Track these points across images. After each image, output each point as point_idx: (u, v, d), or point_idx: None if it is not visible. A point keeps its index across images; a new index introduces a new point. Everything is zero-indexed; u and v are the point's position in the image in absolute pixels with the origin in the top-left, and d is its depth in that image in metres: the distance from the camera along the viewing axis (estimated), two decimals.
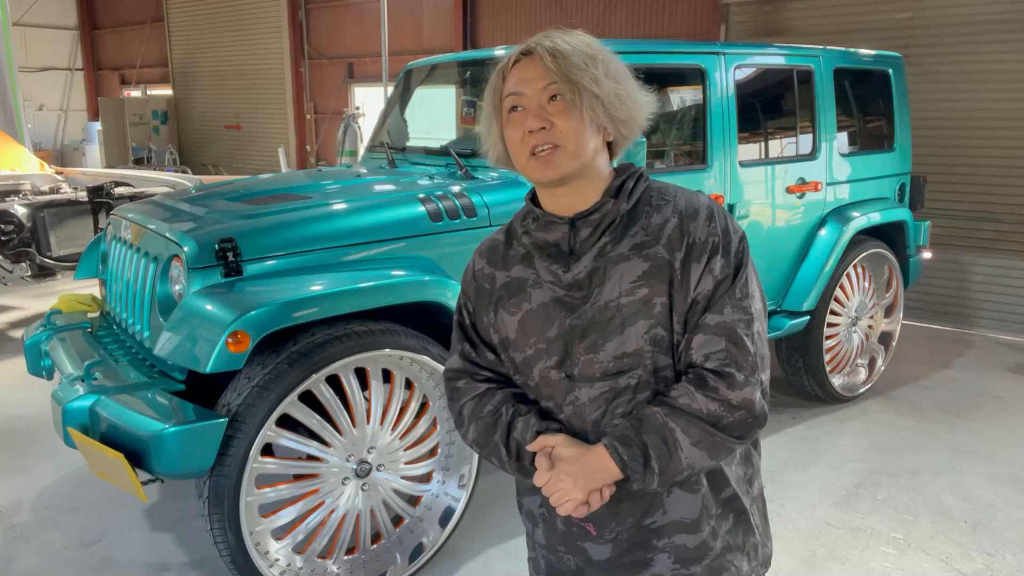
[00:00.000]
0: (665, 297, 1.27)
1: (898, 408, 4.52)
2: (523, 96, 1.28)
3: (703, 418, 1.24)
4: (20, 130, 9.61)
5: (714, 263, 1.27)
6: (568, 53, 1.25)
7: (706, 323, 1.26)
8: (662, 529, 1.34)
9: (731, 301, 1.26)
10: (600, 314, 1.29)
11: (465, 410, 1.42)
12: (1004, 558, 3.03)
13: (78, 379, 2.61)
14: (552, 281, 1.33)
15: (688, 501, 1.34)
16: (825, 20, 6.75)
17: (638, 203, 1.33)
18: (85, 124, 16.51)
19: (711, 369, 1.25)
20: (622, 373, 1.29)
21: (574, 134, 1.26)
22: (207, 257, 2.56)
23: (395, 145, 4.00)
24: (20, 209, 5.25)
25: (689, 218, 1.29)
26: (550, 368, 1.34)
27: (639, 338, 1.28)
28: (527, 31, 6.94)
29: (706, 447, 1.24)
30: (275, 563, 2.57)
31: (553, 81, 1.25)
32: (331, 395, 2.55)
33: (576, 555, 1.40)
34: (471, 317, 1.46)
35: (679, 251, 1.27)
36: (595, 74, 1.25)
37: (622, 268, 1.28)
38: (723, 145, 3.71)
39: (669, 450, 1.23)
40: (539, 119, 1.26)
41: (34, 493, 3.49)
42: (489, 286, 1.42)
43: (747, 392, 1.24)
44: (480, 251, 1.47)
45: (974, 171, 6.07)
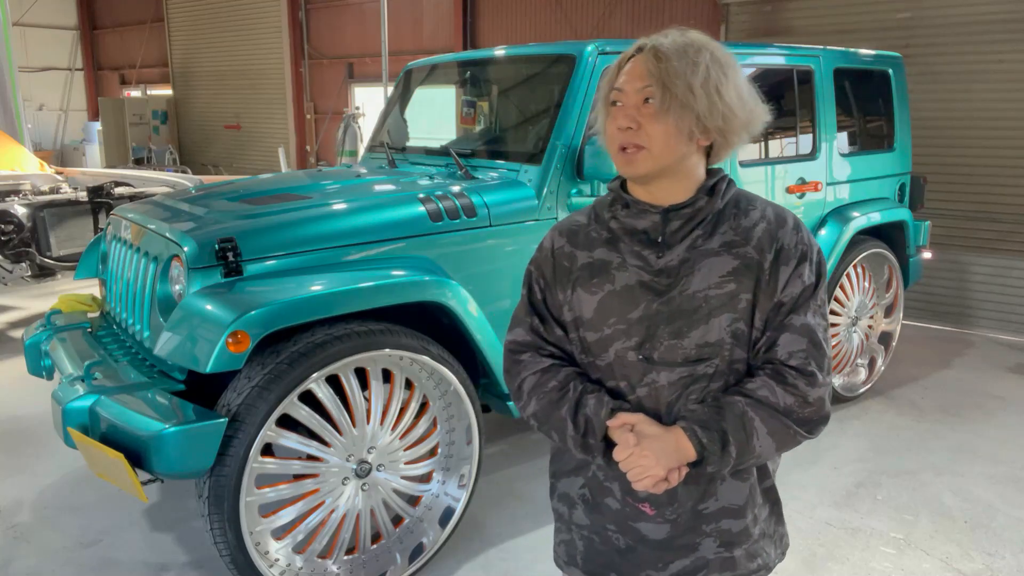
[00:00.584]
0: (750, 294, 1.35)
1: (898, 408, 4.52)
2: (623, 93, 1.34)
3: (780, 411, 1.32)
4: (20, 130, 9.61)
5: (802, 269, 1.35)
6: (671, 57, 1.29)
7: (792, 323, 1.34)
8: (712, 515, 1.42)
9: (813, 306, 1.36)
10: (688, 303, 1.34)
11: (526, 384, 1.45)
12: (1004, 558, 3.03)
13: (78, 379, 2.60)
14: (640, 266, 1.38)
15: (738, 489, 1.42)
16: (825, 20, 6.75)
17: (727, 204, 1.40)
18: (85, 124, 16.52)
19: (793, 366, 1.33)
20: (701, 361, 1.35)
21: (660, 138, 1.31)
22: (207, 257, 2.56)
23: (395, 145, 4.00)
24: (20, 209, 5.25)
25: (779, 225, 1.38)
26: (628, 348, 1.38)
27: (722, 330, 1.34)
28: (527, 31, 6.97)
29: (779, 438, 1.33)
30: (275, 563, 2.57)
31: (649, 84, 1.30)
32: (331, 395, 2.55)
33: (627, 535, 1.45)
34: (543, 292, 1.48)
35: (768, 253, 1.35)
36: (691, 82, 1.28)
37: (712, 262, 1.35)
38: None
39: (747, 437, 1.31)
40: (628, 119, 1.32)
41: (34, 493, 3.49)
42: (568, 264, 1.45)
43: (822, 391, 1.34)
44: (560, 230, 1.50)
45: (974, 171, 6.07)
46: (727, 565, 1.44)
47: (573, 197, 3.20)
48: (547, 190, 3.16)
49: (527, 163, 3.24)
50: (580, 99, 3.22)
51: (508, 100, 3.92)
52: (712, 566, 1.43)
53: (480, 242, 3.03)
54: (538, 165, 3.19)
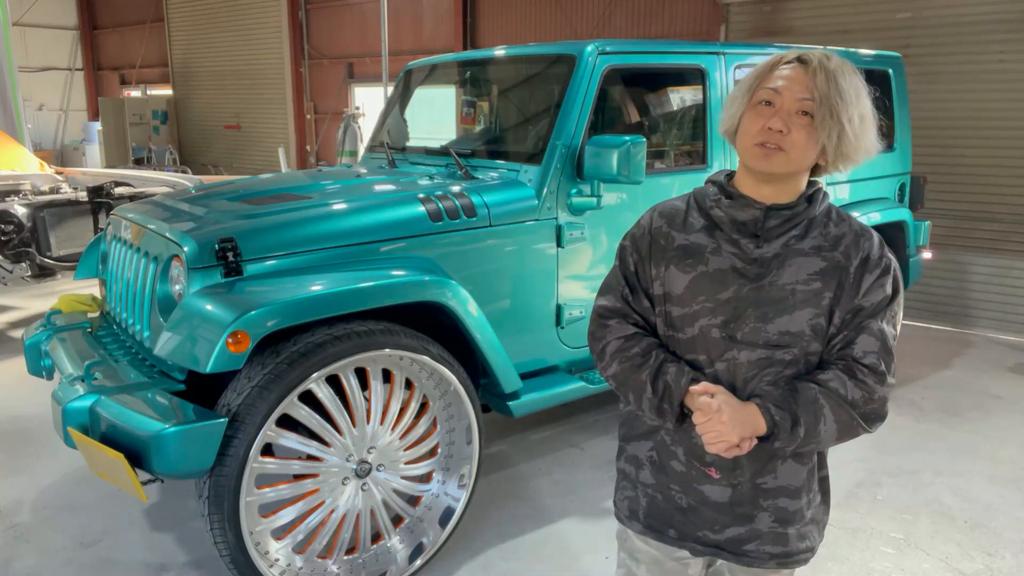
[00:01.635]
0: (832, 294, 1.47)
1: (898, 408, 4.52)
2: (779, 95, 1.42)
3: (848, 403, 1.44)
4: (20, 130, 9.61)
5: (884, 280, 1.49)
6: (841, 81, 1.40)
7: (870, 326, 1.47)
8: (771, 491, 1.54)
9: (889, 315, 1.49)
10: (777, 292, 1.47)
11: (609, 348, 1.58)
12: (1004, 558, 3.03)
13: (78, 379, 2.60)
14: (735, 252, 1.50)
15: (797, 471, 1.55)
16: (825, 20, 6.75)
17: (820, 213, 1.52)
18: (85, 124, 16.51)
19: (866, 364, 1.45)
20: (781, 347, 1.48)
21: (801, 149, 1.42)
22: (207, 257, 2.56)
23: (395, 145, 4.00)
24: (20, 209, 5.25)
25: (865, 238, 1.51)
26: (712, 326, 1.50)
27: (804, 322, 1.47)
28: (527, 31, 6.98)
29: (842, 427, 1.45)
30: (275, 563, 2.57)
31: (812, 98, 1.40)
32: (331, 395, 2.55)
33: (690, 495, 1.58)
34: (636, 265, 1.60)
35: (855, 260, 1.48)
36: (851, 113, 1.41)
37: (803, 261, 1.48)
38: (723, 145, 3.71)
39: (815, 421, 1.43)
40: (782, 122, 1.41)
41: (34, 493, 3.49)
42: (664, 243, 1.56)
43: (886, 391, 1.48)
44: (660, 211, 1.61)
45: (974, 171, 6.07)
46: (779, 540, 1.56)
47: (573, 197, 3.20)
48: (547, 190, 3.16)
49: (527, 163, 3.24)
50: (580, 99, 3.22)
51: (508, 100, 3.92)
52: (765, 538, 1.56)
53: (480, 242, 3.03)
54: (538, 165, 3.19)
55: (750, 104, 1.46)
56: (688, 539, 1.60)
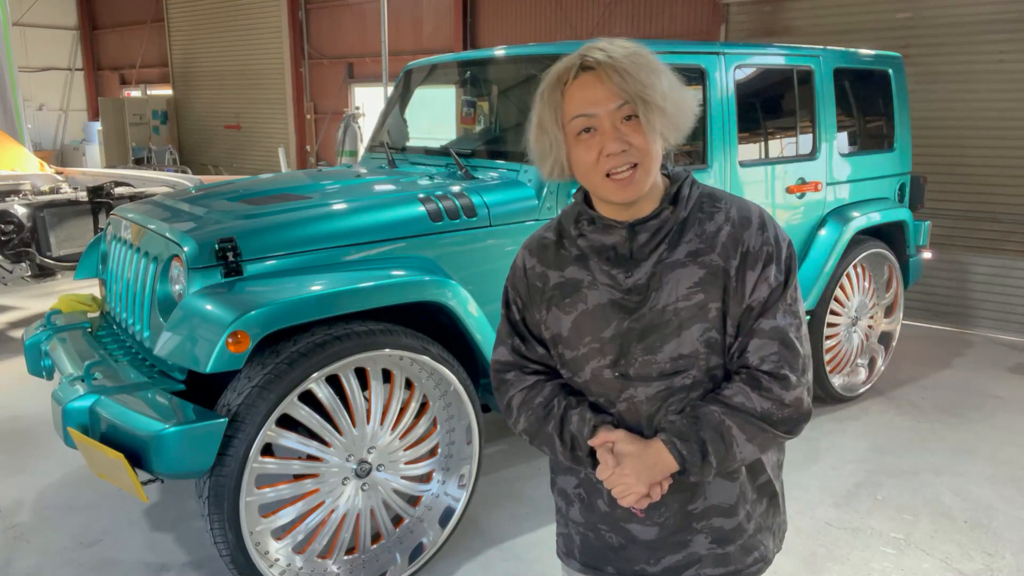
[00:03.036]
0: (719, 302, 1.34)
1: (898, 408, 4.52)
2: (595, 118, 1.28)
3: (757, 416, 1.32)
4: (20, 130, 9.61)
5: (768, 271, 1.33)
6: (633, 70, 1.26)
7: (761, 328, 1.33)
8: (702, 513, 1.43)
9: (783, 306, 1.34)
10: (658, 317, 1.34)
11: (514, 401, 1.47)
12: (1004, 558, 3.03)
13: (78, 379, 2.60)
14: (610, 284, 1.37)
15: (727, 488, 1.43)
16: (825, 20, 6.75)
17: (691, 210, 1.37)
18: (85, 124, 16.51)
19: (766, 371, 1.32)
20: (678, 373, 1.36)
21: (648, 151, 1.28)
22: (207, 257, 2.56)
23: (395, 145, 4.00)
24: (20, 209, 5.25)
25: (742, 227, 1.34)
26: (603, 367, 1.39)
27: (694, 341, 1.34)
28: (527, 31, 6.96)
29: (759, 442, 1.34)
30: (275, 563, 2.57)
31: (626, 101, 1.26)
32: (331, 395, 2.55)
33: (619, 534, 1.48)
34: (521, 312, 1.49)
35: (734, 259, 1.33)
36: (662, 90, 1.27)
37: (679, 274, 1.34)
38: (723, 145, 3.71)
39: (726, 445, 1.32)
40: (618, 141, 1.27)
41: (34, 493, 3.49)
42: (541, 284, 1.44)
43: (798, 392, 1.33)
44: (530, 249, 1.49)
45: (974, 171, 6.07)
46: (720, 560, 1.46)
47: (573, 197, 3.19)
48: (547, 190, 3.16)
49: (527, 163, 3.24)
50: None
51: (508, 100, 3.92)
52: (705, 561, 1.45)
53: (480, 242, 3.03)
54: None
55: (570, 139, 1.31)
56: (627, 574, 1.50)
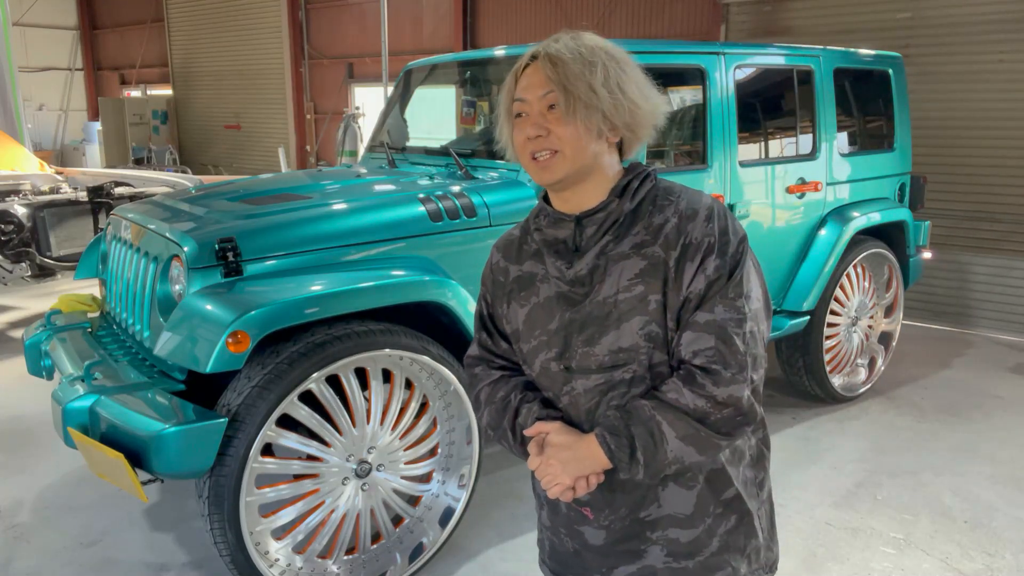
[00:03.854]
0: (660, 295, 1.30)
1: (898, 408, 4.52)
2: (525, 103, 1.33)
3: (690, 413, 1.26)
4: (20, 130, 9.61)
5: (708, 263, 1.29)
6: (567, 61, 1.29)
7: (696, 321, 1.29)
8: (656, 522, 1.39)
9: (723, 300, 1.28)
10: (598, 309, 1.33)
11: (482, 395, 1.50)
12: (1004, 558, 3.03)
13: (78, 379, 2.60)
14: (557, 276, 1.38)
15: (683, 496, 1.38)
16: (825, 20, 6.75)
17: (642, 202, 1.36)
18: (85, 124, 16.51)
19: (698, 366, 1.27)
20: (617, 367, 1.33)
21: (570, 141, 1.30)
22: (207, 257, 2.56)
23: (395, 145, 4.00)
24: (20, 209, 5.25)
25: (688, 219, 1.31)
26: (550, 360, 1.39)
27: (634, 334, 1.31)
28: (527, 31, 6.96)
29: (693, 442, 1.27)
30: (275, 563, 2.57)
31: (551, 90, 1.30)
32: (331, 395, 2.55)
33: (574, 538, 1.47)
34: (488, 308, 1.52)
35: (674, 250, 1.30)
36: (591, 82, 1.28)
37: (622, 266, 1.32)
38: (723, 145, 3.71)
39: (655, 443, 1.27)
40: (536, 127, 1.31)
41: (34, 493, 3.49)
42: (503, 279, 1.47)
43: (733, 389, 1.26)
44: (498, 245, 1.52)
45: (974, 171, 6.07)
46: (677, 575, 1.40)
47: None
48: None
49: None
50: None
51: None
52: (661, 574, 1.40)
53: (480, 242, 3.03)
54: None
55: (510, 121, 1.37)
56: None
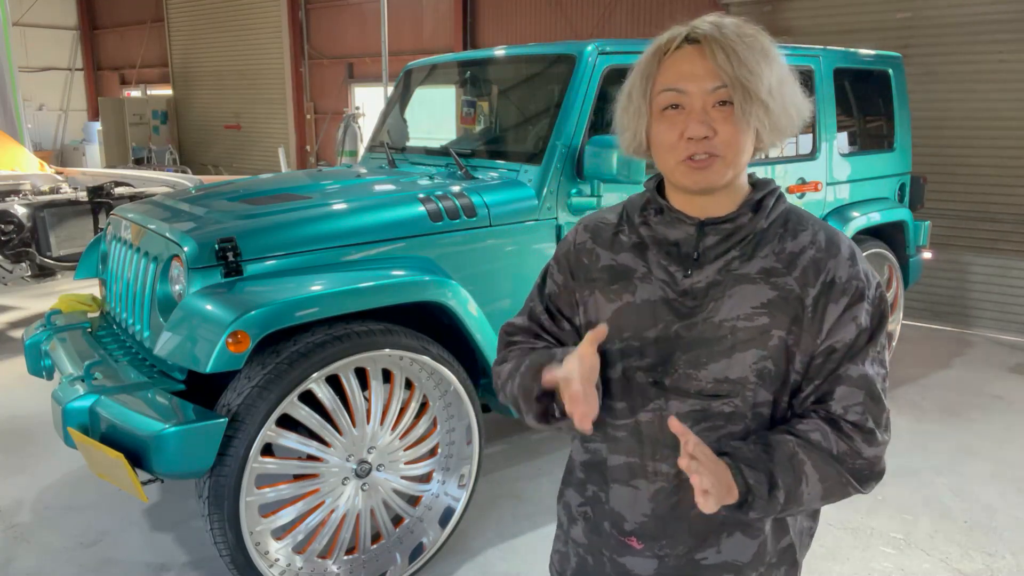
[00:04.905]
0: (784, 332, 1.18)
1: (898, 408, 4.52)
2: (686, 95, 1.15)
3: (835, 457, 1.17)
4: (20, 130, 9.61)
5: (858, 310, 1.18)
6: (743, 53, 1.13)
7: (849, 375, 1.18)
8: (711, 568, 1.27)
9: (872, 353, 1.19)
10: (712, 331, 1.19)
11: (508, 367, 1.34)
12: (1004, 558, 3.03)
13: (78, 379, 2.60)
14: (666, 281, 1.23)
15: (746, 545, 1.27)
16: (825, 20, 6.75)
17: (773, 223, 1.23)
18: (85, 124, 16.52)
19: (851, 421, 1.18)
20: (718, 397, 1.20)
21: (735, 144, 1.16)
22: (207, 257, 2.56)
23: (395, 145, 4.00)
24: (20, 209, 5.25)
25: (829, 253, 1.19)
26: (639, 368, 1.24)
27: (746, 367, 1.19)
28: (527, 31, 6.97)
29: (830, 487, 1.18)
30: (275, 563, 2.57)
31: (724, 84, 1.13)
32: (331, 395, 2.55)
33: (613, 567, 1.33)
34: (559, 287, 1.36)
35: (812, 288, 1.18)
36: (770, 82, 1.14)
37: (746, 290, 1.19)
38: None
39: (796, 480, 1.16)
40: (704, 126, 1.14)
41: (34, 493, 3.49)
42: (588, 261, 1.32)
43: (879, 450, 1.20)
44: (586, 225, 1.36)
45: (974, 171, 6.07)
46: None
47: (573, 197, 3.20)
48: (547, 190, 3.16)
49: (527, 163, 3.24)
50: (580, 99, 3.21)
51: (508, 100, 3.92)
52: None
53: (480, 242, 3.03)
54: (538, 165, 3.19)
55: (654, 113, 1.19)
56: None
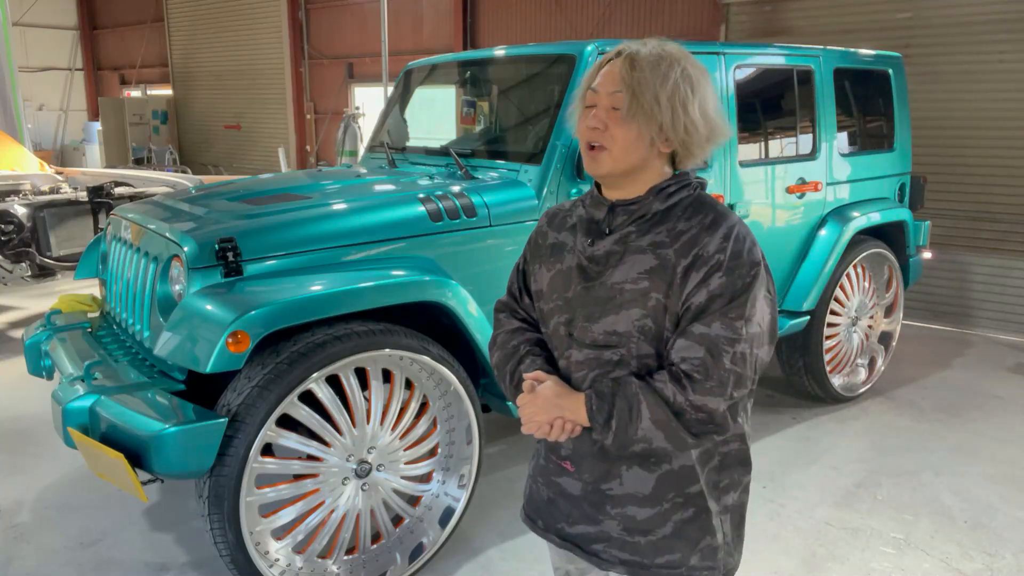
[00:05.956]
0: (661, 295, 1.41)
1: (898, 408, 4.52)
2: (596, 95, 1.44)
3: (669, 404, 1.39)
4: (20, 130, 9.61)
5: (712, 279, 1.38)
6: (644, 67, 1.38)
7: (691, 331, 1.39)
8: (617, 498, 1.53)
9: (722, 318, 1.38)
10: (605, 292, 1.46)
11: (498, 339, 1.67)
12: (1004, 558, 3.03)
13: (78, 379, 2.60)
14: (581, 251, 1.52)
15: (643, 479, 1.51)
16: (825, 20, 6.75)
17: (674, 207, 1.46)
18: (85, 124, 16.51)
19: (684, 371, 1.39)
20: (608, 347, 1.46)
21: (621, 142, 1.41)
22: (207, 257, 2.56)
23: (395, 145, 4.00)
24: (20, 209, 5.25)
25: (707, 232, 1.41)
26: (560, 324, 1.54)
27: (630, 323, 1.44)
28: (527, 31, 6.98)
29: (663, 428, 1.40)
30: (275, 563, 2.57)
31: (619, 90, 1.40)
32: (331, 395, 2.55)
33: (550, 488, 1.63)
34: (524, 265, 1.68)
35: (685, 258, 1.40)
36: (659, 94, 1.37)
37: (636, 259, 1.44)
38: (723, 145, 3.71)
39: (630, 418, 1.40)
40: (597, 120, 1.42)
41: (34, 493, 3.49)
42: (541, 241, 1.63)
43: (707, 400, 1.38)
44: (547, 212, 1.68)
45: (974, 171, 6.07)
46: (628, 547, 1.54)
47: (573, 197, 3.20)
48: (547, 190, 3.16)
49: (527, 163, 3.24)
50: None
51: (508, 100, 3.92)
52: (613, 543, 1.55)
53: (480, 242, 3.03)
54: (538, 165, 3.19)
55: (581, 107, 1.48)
56: (550, 531, 1.64)
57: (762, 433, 4.13)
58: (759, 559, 2.99)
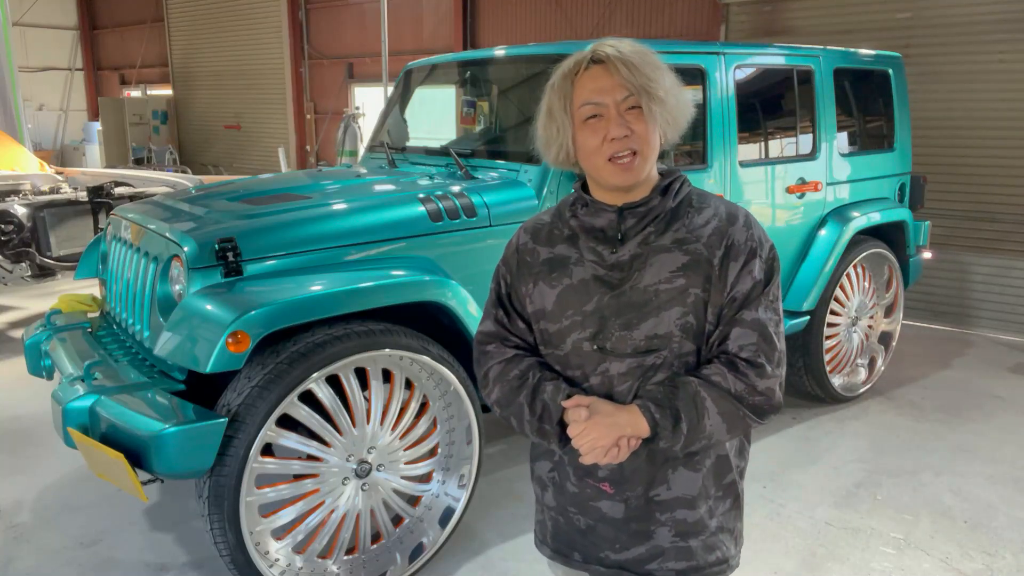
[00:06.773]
0: (700, 289, 1.42)
1: (898, 408, 4.52)
2: (603, 105, 1.39)
3: (731, 394, 1.40)
4: (20, 130, 9.61)
5: (752, 265, 1.42)
6: (640, 66, 1.38)
7: (743, 318, 1.42)
8: (666, 503, 1.49)
9: (765, 301, 1.43)
10: (639, 296, 1.43)
11: (492, 372, 1.55)
12: (1004, 558, 3.03)
13: (78, 379, 2.60)
14: (595, 260, 1.47)
15: (690, 479, 1.49)
16: (825, 20, 6.75)
17: (681, 203, 1.47)
18: (85, 124, 16.51)
19: (744, 358, 1.40)
20: (651, 352, 1.43)
21: (649, 140, 1.40)
22: (207, 257, 2.56)
23: (395, 145, 4.00)
24: (20, 209, 5.25)
25: (729, 222, 1.44)
26: (583, 340, 1.46)
27: (671, 323, 1.42)
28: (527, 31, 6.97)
29: (728, 419, 1.40)
30: (275, 563, 2.57)
31: (632, 92, 1.38)
32: (331, 395, 2.55)
33: (587, 514, 1.54)
34: (508, 287, 1.58)
35: (718, 250, 1.42)
36: (664, 85, 1.39)
37: (663, 258, 1.43)
38: (723, 145, 3.71)
39: (698, 415, 1.38)
40: (622, 127, 1.38)
41: (34, 493, 3.49)
42: (530, 259, 1.54)
43: (771, 382, 1.42)
44: (525, 228, 1.60)
45: (974, 171, 6.07)
46: (683, 554, 1.51)
47: (573, 187, 3.19)
48: (547, 190, 3.16)
49: (527, 163, 3.24)
50: None
51: (508, 100, 3.92)
52: (668, 555, 1.51)
53: (480, 242, 3.03)
54: (538, 165, 3.19)
55: (577, 125, 1.42)
56: (591, 561, 1.56)
57: (762, 433, 4.13)
58: (759, 559, 2.99)
